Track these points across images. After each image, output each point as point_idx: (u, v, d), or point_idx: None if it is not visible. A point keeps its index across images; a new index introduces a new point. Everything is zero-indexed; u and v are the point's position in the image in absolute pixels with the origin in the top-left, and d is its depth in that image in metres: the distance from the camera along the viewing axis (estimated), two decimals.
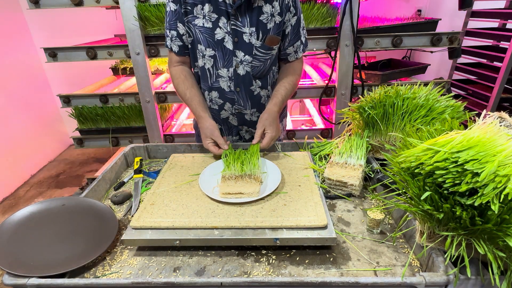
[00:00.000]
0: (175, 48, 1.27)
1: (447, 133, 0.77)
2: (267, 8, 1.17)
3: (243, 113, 1.34)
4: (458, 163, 0.64)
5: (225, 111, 1.34)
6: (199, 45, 1.22)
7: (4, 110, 3.14)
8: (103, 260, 0.84)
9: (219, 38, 1.19)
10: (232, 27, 1.17)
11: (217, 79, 1.27)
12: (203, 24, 1.17)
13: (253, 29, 1.18)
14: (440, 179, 0.65)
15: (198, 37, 1.20)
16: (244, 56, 1.22)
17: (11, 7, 3.31)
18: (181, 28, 1.22)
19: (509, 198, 0.58)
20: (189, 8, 1.17)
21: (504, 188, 0.59)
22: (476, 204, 0.60)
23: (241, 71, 1.24)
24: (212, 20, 1.17)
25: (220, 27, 1.17)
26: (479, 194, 0.60)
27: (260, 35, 1.19)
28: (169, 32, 1.24)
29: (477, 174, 0.61)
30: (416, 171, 0.71)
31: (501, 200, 0.59)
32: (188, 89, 1.27)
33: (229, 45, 1.20)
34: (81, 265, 0.78)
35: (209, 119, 1.24)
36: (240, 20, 1.16)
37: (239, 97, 1.30)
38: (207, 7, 1.15)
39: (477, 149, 0.65)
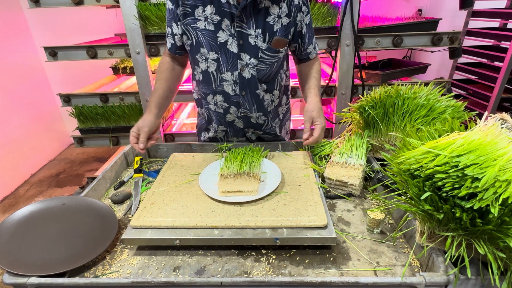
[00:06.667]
0: (168, 45, 1.29)
1: (447, 133, 0.77)
2: (274, 9, 1.14)
3: (249, 116, 1.31)
4: (459, 167, 0.63)
5: (230, 114, 1.31)
6: (201, 48, 1.19)
7: (4, 110, 3.14)
8: (103, 260, 0.84)
9: (222, 41, 1.16)
10: (237, 29, 1.14)
11: (221, 83, 1.24)
12: (205, 26, 1.14)
13: (259, 31, 1.15)
14: (439, 183, 0.65)
15: (201, 40, 1.17)
16: (250, 59, 1.19)
17: (12, 6, 3.31)
18: (175, 28, 1.22)
19: (509, 201, 0.58)
20: (189, 10, 1.14)
21: (504, 191, 0.58)
22: (475, 207, 0.60)
23: (246, 74, 1.22)
24: (215, 22, 1.14)
25: (223, 30, 1.14)
26: (478, 198, 0.60)
27: (267, 37, 1.17)
28: (167, 28, 1.26)
29: (477, 179, 0.60)
30: (416, 173, 0.70)
31: (500, 203, 0.58)
32: (159, 80, 1.29)
33: (233, 48, 1.17)
34: (81, 264, 0.78)
35: (154, 116, 1.24)
36: (245, 22, 1.14)
37: (244, 101, 1.27)
38: (209, 8, 1.12)
39: (478, 153, 0.64)
